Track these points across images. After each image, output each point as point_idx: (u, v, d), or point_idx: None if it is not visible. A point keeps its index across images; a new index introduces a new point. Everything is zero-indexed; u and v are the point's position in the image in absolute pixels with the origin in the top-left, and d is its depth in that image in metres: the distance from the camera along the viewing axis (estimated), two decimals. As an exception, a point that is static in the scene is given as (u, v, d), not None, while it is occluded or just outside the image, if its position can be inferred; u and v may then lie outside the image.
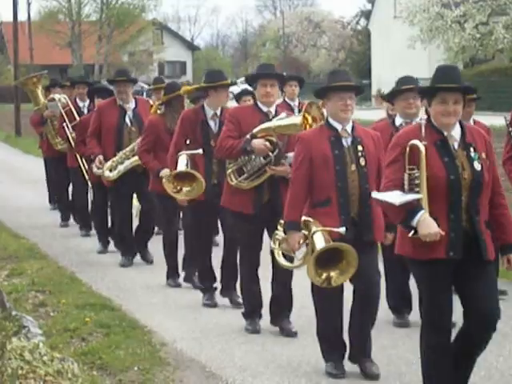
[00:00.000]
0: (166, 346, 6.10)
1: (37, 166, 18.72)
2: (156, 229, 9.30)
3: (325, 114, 5.68)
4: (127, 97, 8.76)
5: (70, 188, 11.19)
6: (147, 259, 8.87)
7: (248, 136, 6.20)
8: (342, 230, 5.24)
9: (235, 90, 13.79)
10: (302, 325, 6.40)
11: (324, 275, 5.20)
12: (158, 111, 8.26)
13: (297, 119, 6.12)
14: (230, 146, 6.26)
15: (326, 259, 5.17)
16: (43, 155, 12.35)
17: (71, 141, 10.25)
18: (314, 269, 5.16)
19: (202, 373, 5.56)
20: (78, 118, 10.18)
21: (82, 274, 8.29)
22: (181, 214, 8.53)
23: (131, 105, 8.79)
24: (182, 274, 7.97)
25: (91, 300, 7.19)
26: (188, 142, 7.00)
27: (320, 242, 5.23)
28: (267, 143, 6.16)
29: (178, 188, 7.07)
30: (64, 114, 10.53)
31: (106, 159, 8.68)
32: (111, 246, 9.54)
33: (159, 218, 8.55)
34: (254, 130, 6.22)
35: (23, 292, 7.49)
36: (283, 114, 6.34)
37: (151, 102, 9.17)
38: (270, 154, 6.18)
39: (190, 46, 64.33)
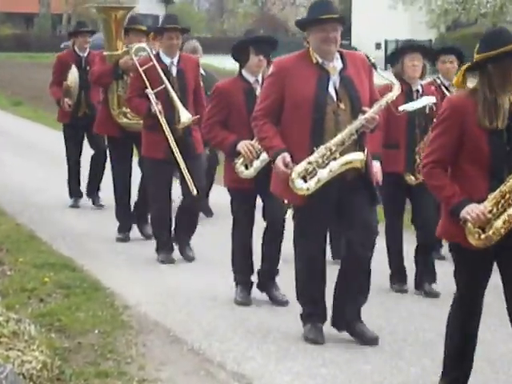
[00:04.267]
0: (129, 308, 6.00)
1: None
2: None
3: None
4: (336, 50, 5.34)
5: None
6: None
7: None
8: None
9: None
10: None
11: None
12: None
13: None
14: None
15: None
16: (91, 131, 8.71)
17: (160, 116, 7.04)
18: None
19: (167, 337, 5.48)
20: (166, 82, 7.12)
21: (41, 233, 8.14)
22: None
23: (337, 63, 5.33)
24: None
25: (51, 259, 7.07)
26: None
27: None
28: None
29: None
30: (143, 74, 7.20)
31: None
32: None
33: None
34: None
35: (-22, 249, 7.36)
36: None
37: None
38: None
39: (164, -1, 63.59)
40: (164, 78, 7.13)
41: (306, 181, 5.14)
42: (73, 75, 9.21)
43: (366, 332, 5.36)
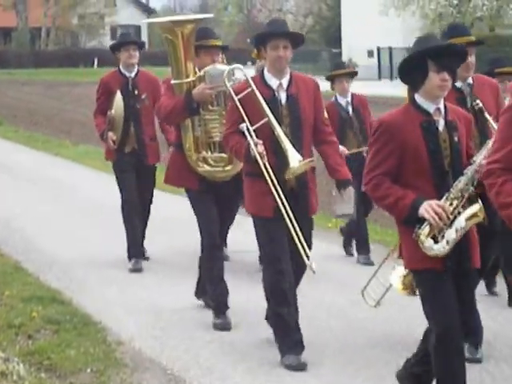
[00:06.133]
0: (123, 344, 5.96)
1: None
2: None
3: None
4: None
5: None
6: None
7: None
8: None
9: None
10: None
11: None
12: None
13: None
14: None
15: None
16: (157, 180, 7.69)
17: (261, 161, 5.40)
18: None
19: (163, 375, 5.43)
20: (269, 113, 5.45)
21: (28, 263, 8.11)
22: None
23: None
24: None
25: (38, 292, 7.04)
26: None
27: None
28: None
29: None
30: (239, 103, 5.55)
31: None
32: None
33: None
34: None
35: (-38, 283, 7.32)
36: None
37: None
38: None
39: (145, 9, 63.87)
40: (266, 107, 5.48)
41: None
42: (117, 103, 7.81)
43: None
